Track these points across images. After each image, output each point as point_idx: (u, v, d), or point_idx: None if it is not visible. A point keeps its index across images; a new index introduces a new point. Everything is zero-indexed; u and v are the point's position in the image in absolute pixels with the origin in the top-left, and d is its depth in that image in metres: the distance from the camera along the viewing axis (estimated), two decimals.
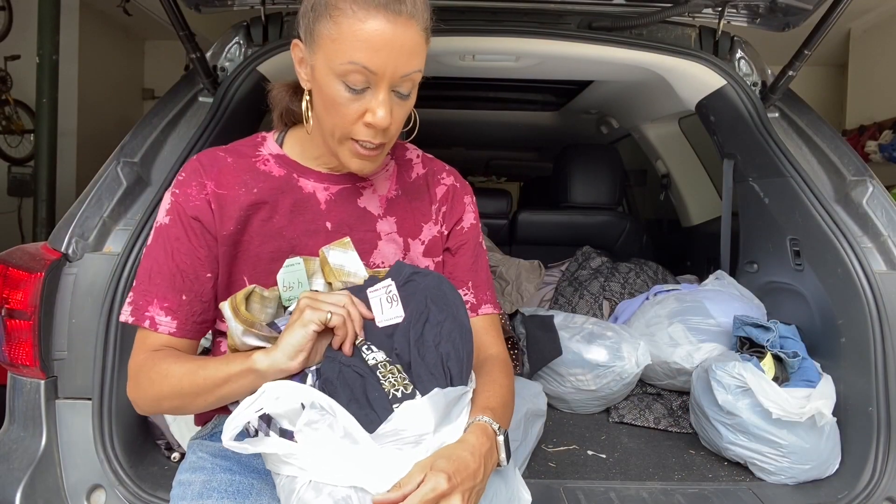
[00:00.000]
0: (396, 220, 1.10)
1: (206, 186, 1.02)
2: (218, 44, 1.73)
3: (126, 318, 1.01)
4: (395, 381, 0.86)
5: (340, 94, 0.93)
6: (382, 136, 0.96)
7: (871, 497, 1.41)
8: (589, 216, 2.93)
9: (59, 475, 1.37)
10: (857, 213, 1.60)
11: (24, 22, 4.58)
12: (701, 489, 1.46)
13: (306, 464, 0.81)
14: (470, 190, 1.19)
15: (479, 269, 1.15)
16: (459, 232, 1.15)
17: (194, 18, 1.62)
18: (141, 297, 1.00)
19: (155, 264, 1.01)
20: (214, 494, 0.96)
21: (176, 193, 1.02)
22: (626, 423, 1.84)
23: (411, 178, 1.15)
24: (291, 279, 0.97)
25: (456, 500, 0.81)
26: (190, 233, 1.01)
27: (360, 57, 0.89)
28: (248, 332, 0.93)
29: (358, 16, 0.89)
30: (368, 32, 0.89)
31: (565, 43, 1.80)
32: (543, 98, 3.26)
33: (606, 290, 2.34)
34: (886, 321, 1.47)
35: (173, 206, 1.02)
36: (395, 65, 0.91)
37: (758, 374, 1.51)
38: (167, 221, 1.02)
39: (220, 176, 1.03)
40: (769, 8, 1.74)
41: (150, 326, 0.99)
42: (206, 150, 1.09)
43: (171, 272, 1.00)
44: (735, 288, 1.94)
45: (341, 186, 1.08)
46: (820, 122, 1.78)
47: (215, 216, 1.02)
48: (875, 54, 5.49)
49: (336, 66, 0.91)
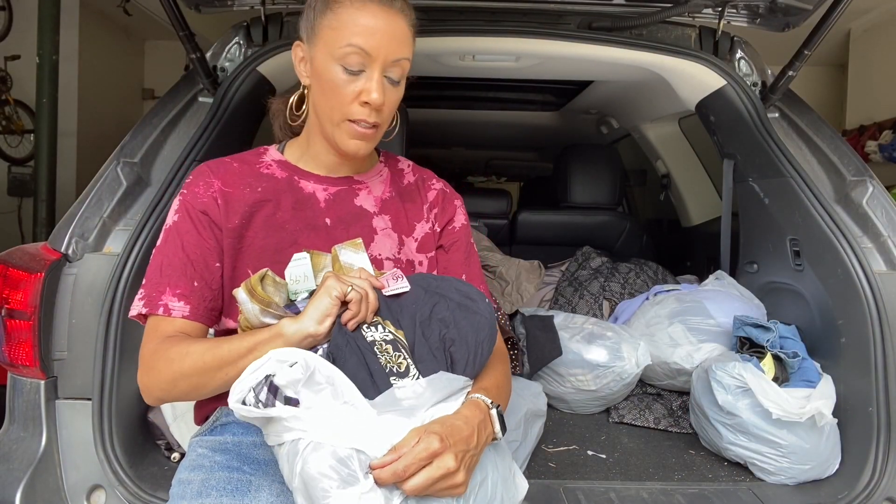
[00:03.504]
0: (391, 218, 1.18)
1: (212, 185, 1.10)
2: (218, 44, 1.73)
3: (138, 310, 1.05)
4: (389, 358, 0.92)
5: (339, 77, 1.04)
6: (377, 115, 1.06)
7: (871, 497, 1.41)
8: (589, 216, 2.93)
9: (59, 475, 1.37)
10: (857, 213, 1.60)
11: (24, 22, 4.58)
12: (701, 489, 1.46)
13: (309, 426, 0.84)
14: (460, 196, 1.28)
15: (471, 264, 1.23)
16: (451, 231, 1.23)
17: (194, 18, 1.62)
18: (153, 290, 1.05)
19: (165, 259, 1.06)
20: (213, 493, 0.97)
21: (184, 194, 1.10)
22: (626, 424, 1.84)
23: (403, 183, 1.24)
24: (298, 273, 1.01)
25: (448, 459, 0.84)
26: (198, 225, 1.07)
27: (357, 40, 1.02)
28: (265, 311, 0.96)
29: (356, 5, 1.03)
30: (365, 18, 1.03)
31: (565, 43, 1.80)
32: (543, 98, 3.26)
33: (606, 291, 2.34)
34: (886, 321, 1.47)
35: (181, 206, 1.09)
36: (388, 49, 1.04)
37: (758, 374, 1.51)
38: (176, 219, 1.08)
39: (226, 176, 1.12)
40: (769, 8, 1.74)
41: (163, 312, 1.03)
42: (212, 160, 1.17)
43: (181, 262, 1.05)
44: (735, 288, 1.94)
45: (339, 188, 1.17)
46: (820, 122, 1.78)
47: (221, 210, 1.08)
48: (875, 54, 5.50)
49: (336, 50, 1.03)
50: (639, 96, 2.57)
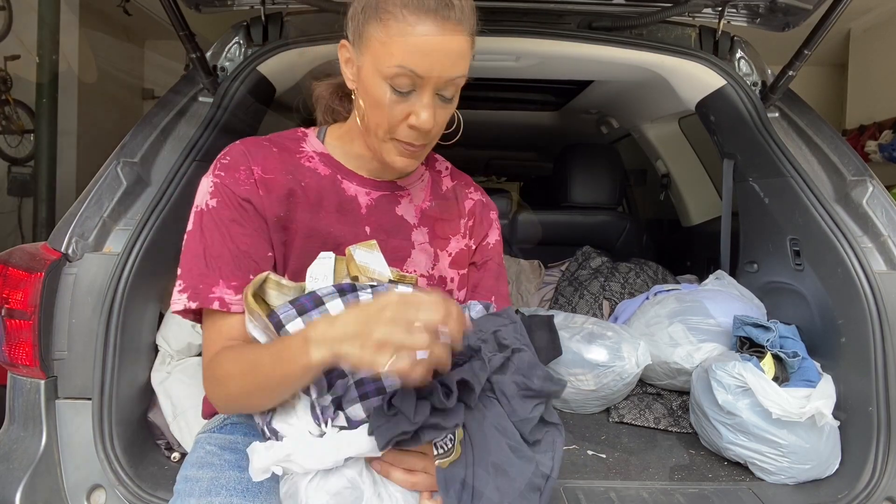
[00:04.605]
0: (429, 231, 1.13)
1: (253, 172, 1.01)
2: (218, 44, 1.73)
3: (184, 305, 0.96)
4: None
5: (386, 96, 0.94)
6: (425, 137, 0.99)
7: (870, 497, 1.41)
8: (589, 216, 2.92)
9: (59, 475, 1.37)
10: (857, 213, 1.60)
11: (24, 22, 4.58)
12: (701, 489, 1.46)
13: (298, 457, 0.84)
14: (495, 207, 1.23)
15: (500, 284, 1.20)
16: (485, 248, 1.19)
17: (194, 18, 1.62)
18: (200, 281, 0.96)
19: (210, 247, 0.98)
20: (223, 492, 0.95)
21: (222, 176, 1.00)
22: (626, 423, 1.84)
23: (442, 190, 1.18)
24: (319, 272, 0.95)
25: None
26: (244, 214, 0.99)
27: (407, 61, 0.91)
28: (249, 320, 0.90)
29: (408, 20, 0.91)
30: (417, 37, 0.91)
31: (565, 43, 1.80)
32: (543, 98, 3.26)
33: (606, 290, 2.34)
34: (886, 321, 1.47)
35: (220, 190, 1.00)
36: (441, 69, 0.93)
37: (758, 373, 1.51)
38: (214, 204, 0.99)
39: (265, 162, 1.03)
40: (769, 8, 1.74)
41: (220, 307, 0.95)
42: (249, 138, 1.08)
43: (233, 253, 0.97)
44: (735, 288, 1.94)
45: (381, 193, 1.10)
46: (820, 122, 1.78)
47: (264, 200, 1.01)
48: (875, 54, 5.50)
49: (384, 68, 0.93)
50: (639, 96, 2.57)
